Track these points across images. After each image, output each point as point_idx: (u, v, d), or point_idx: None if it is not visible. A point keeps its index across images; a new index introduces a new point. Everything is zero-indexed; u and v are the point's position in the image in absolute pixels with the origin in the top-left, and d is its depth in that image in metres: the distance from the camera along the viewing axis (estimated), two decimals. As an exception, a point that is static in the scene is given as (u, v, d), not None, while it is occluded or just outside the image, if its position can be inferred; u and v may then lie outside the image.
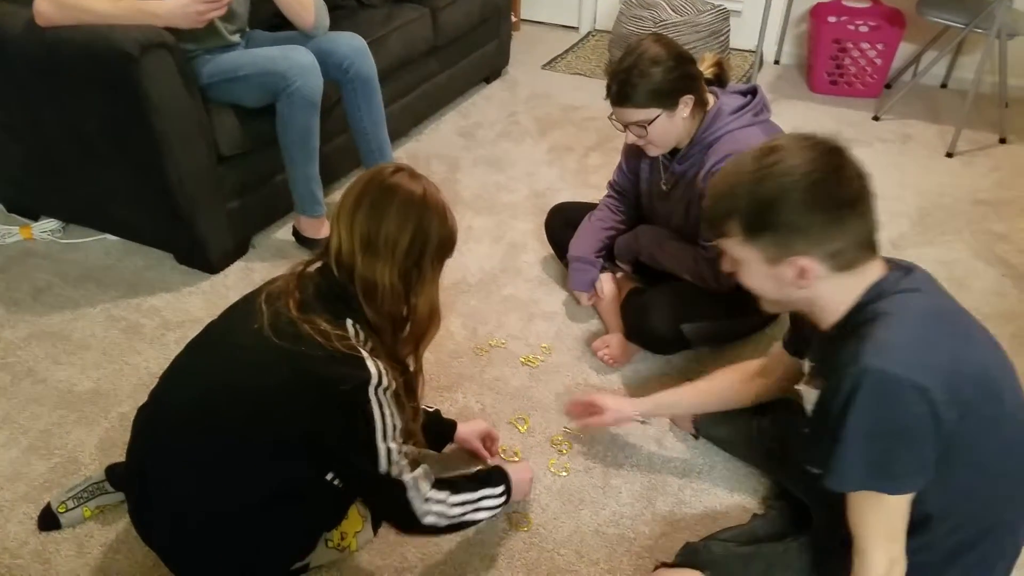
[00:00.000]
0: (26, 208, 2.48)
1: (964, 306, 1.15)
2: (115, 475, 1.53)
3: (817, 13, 3.48)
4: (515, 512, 1.56)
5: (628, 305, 1.96)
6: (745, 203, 1.08)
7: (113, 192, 2.17)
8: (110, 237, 2.38)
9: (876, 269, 1.11)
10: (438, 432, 1.61)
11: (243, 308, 1.26)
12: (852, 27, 3.41)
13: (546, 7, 4.20)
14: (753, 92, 1.76)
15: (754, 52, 3.44)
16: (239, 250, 2.32)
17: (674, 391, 1.63)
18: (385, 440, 1.17)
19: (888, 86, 3.50)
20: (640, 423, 1.72)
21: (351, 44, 2.22)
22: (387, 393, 1.17)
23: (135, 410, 1.34)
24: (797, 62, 3.78)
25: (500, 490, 1.38)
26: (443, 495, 1.27)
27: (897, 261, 1.14)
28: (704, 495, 1.62)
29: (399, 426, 1.20)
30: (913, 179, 2.78)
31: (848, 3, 3.48)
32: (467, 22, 3.06)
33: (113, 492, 1.53)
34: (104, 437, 1.72)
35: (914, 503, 1.06)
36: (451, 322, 2.07)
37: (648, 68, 1.63)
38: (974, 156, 2.96)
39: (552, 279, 2.26)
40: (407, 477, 1.21)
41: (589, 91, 3.44)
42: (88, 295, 2.16)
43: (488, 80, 3.51)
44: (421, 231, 1.19)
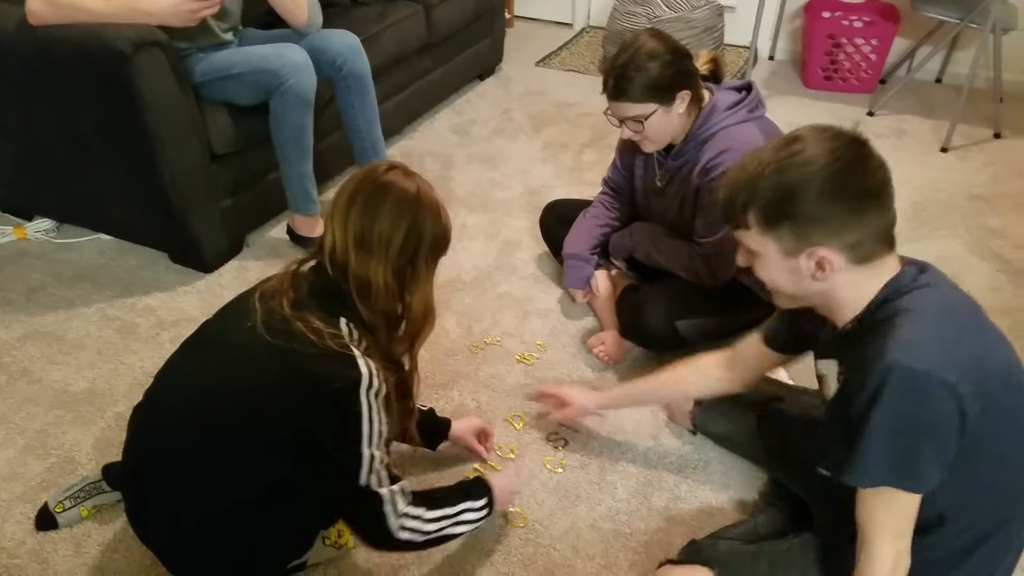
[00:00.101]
0: (19, 208, 2.47)
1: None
2: (111, 474, 1.54)
3: (811, 8, 3.48)
4: (511, 509, 1.56)
5: (623, 302, 1.96)
6: (764, 193, 1.06)
7: (107, 191, 2.17)
8: (104, 236, 2.38)
9: (892, 264, 1.10)
10: (433, 430, 1.61)
11: (237, 307, 1.26)
12: (846, 22, 3.41)
13: (540, 4, 4.20)
14: (748, 88, 1.75)
15: (748, 48, 3.44)
16: (233, 249, 2.31)
17: (631, 384, 1.67)
18: (370, 446, 1.15)
19: (883, 81, 3.50)
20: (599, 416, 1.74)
21: (344, 42, 2.21)
22: (378, 397, 1.16)
23: (131, 409, 1.34)
24: (792, 58, 3.78)
25: (481, 503, 1.35)
26: (419, 511, 1.24)
27: (910, 258, 1.13)
28: (700, 491, 1.62)
29: (385, 434, 1.18)
30: (908, 174, 2.77)
31: (842, -2, 3.49)
32: (460, 19, 3.05)
33: (110, 491, 1.53)
34: (100, 437, 1.72)
35: (928, 503, 1.06)
36: (446, 320, 2.07)
37: (645, 63, 1.63)
38: (969, 151, 2.96)
39: (547, 276, 2.26)
40: (384, 490, 1.19)
41: (583, 88, 3.43)
42: (83, 295, 2.16)
43: (482, 77, 3.50)
44: (415, 229, 1.19)
